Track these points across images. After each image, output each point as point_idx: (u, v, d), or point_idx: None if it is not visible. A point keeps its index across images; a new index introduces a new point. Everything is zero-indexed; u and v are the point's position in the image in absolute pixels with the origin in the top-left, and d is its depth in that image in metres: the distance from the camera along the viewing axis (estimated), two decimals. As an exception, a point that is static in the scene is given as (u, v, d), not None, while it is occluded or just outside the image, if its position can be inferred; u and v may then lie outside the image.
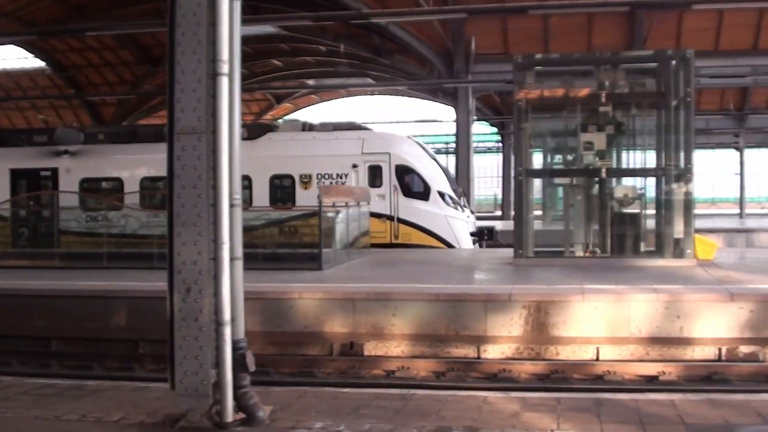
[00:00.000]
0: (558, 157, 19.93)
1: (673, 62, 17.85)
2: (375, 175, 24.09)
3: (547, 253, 18.81)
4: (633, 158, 18.92)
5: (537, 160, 19.02)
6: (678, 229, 17.32)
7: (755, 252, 20.57)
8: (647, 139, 18.71)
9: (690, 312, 12.58)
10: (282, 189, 24.39)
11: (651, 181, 18.47)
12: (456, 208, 24.74)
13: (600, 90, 18.02)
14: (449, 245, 24.25)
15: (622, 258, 17.62)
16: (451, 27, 30.88)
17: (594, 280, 14.36)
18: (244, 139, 21.48)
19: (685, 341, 12.51)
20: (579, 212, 18.57)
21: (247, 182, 23.23)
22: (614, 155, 19.00)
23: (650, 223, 18.53)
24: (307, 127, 25.69)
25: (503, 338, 12.90)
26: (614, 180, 18.64)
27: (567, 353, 12.66)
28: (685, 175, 17.38)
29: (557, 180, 19.85)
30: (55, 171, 25.16)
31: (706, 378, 11.60)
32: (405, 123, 60.13)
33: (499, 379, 11.81)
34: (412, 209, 24.12)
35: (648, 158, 18.54)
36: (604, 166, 18.03)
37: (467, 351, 12.84)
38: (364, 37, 36.58)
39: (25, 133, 31.59)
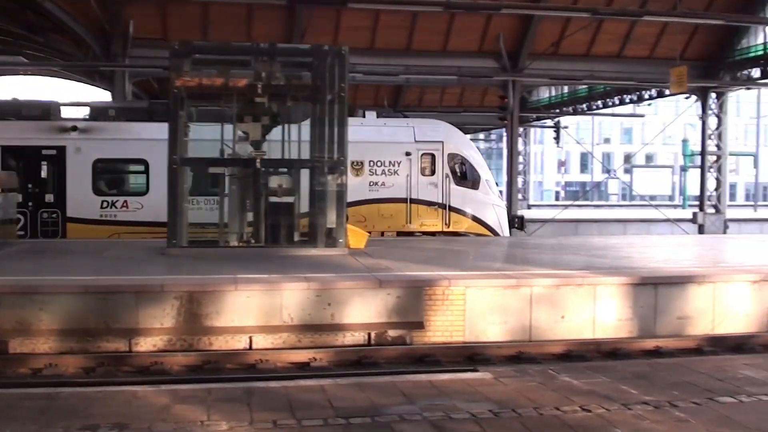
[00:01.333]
0: (214, 146, 19.67)
1: (329, 58, 18.25)
2: (428, 163, 24.18)
3: (202, 243, 18.61)
4: (288, 149, 19.09)
5: (193, 149, 18.66)
6: (330, 219, 17.77)
7: (413, 242, 21.56)
8: (303, 132, 18.98)
9: (341, 299, 12.91)
10: None
11: (307, 172, 18.76)
12: (499, 197, 25.47)
13: (257, 81, 18.03)
14: (495, 233, 24.75)
15: (276, 248, 17.78)
16: (110, 9, 29.70)
17: (247, 269, 14.35)
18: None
19: (336, 327, 12.83)
20: (234, 202, 18.51)
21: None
22: (270, 146, 19.05)
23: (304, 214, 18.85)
24: (355, 113, 24.53)
25: (156, 330, 12.53)
26: (270, 171, 18.71)
27: (220, 343, 12.56)
28: (338, 167, 17.85)
29: (212, 169, 19.62)
30: None
31: (356, 362, 11.96)
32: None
33: (151, 373, 11.46)
34: (463, 198, 24.37)
35: (303, 150, 18.81)
36: (258, 157, 18.10)
37: (119, 345, 12.34)
38: (18, 13, 34.27)
39: None
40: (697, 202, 38.96)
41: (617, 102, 43.72)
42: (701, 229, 35.83)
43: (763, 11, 32.01)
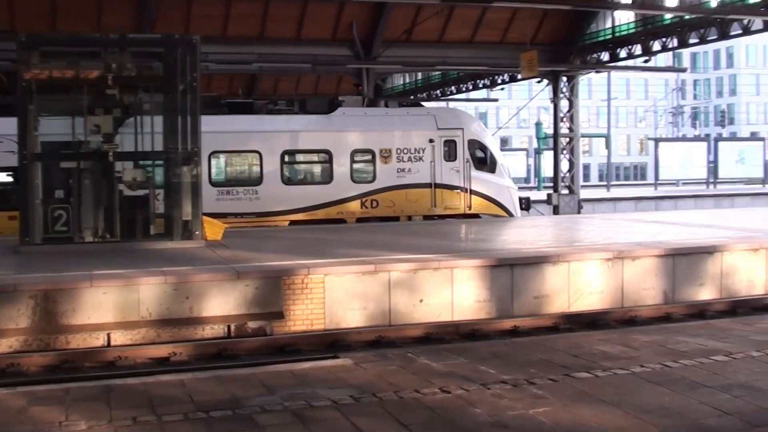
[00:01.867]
0: (65, 140, 19.09)
1: (180, 47, 17.93)
2: (450, 149, 25.38)
3: (56, 240, 18.06)
4: (142, 142, 18.71)
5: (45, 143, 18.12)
6: (186, 212, 17.50)
7: (272, 232, 21.45)
8: (156, 123, 18.61)
9: (199, 292, 12.77)
10: (364, 163, 24.80)
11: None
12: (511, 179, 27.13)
13: (107, 72, 17.60)
14: (510, 214, 26.18)
15: (132, 242, 17.44)
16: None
17: (103, 265, 14.02)
18: (321, 113, 21.07)
19: (195, 321, 12.70)
20: (87, 197, 18.01)
21: (327, 156, 24.48)
22: (123, 138, 18.65)
23: (160, 207, 18.53)
24: (378, 103, 27.21)
25: (11, 331, 12.13)
26: (123, 163, 18.31)
27: (77, 341, 12.26)
28: (192, 158, 17.58)
29: (65, 164, 19.07)
30: None
31: (217, 355, 11.85)
32: None
33: (7, 375, 11.07)
34: (482, 181, 25.68)
35: (157, 142, 18.46)
36: (111, 150, 17.67)
37: (-29, 348, 11.91)
38: None
39: None
40: (551, 184, 40.01)
41: (471, 87, 44.45)
42: (556, 210, 36.80)
43: (611, -4, 33.11)
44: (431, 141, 25.25)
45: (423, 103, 30.76)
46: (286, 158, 24.51)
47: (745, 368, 8.47)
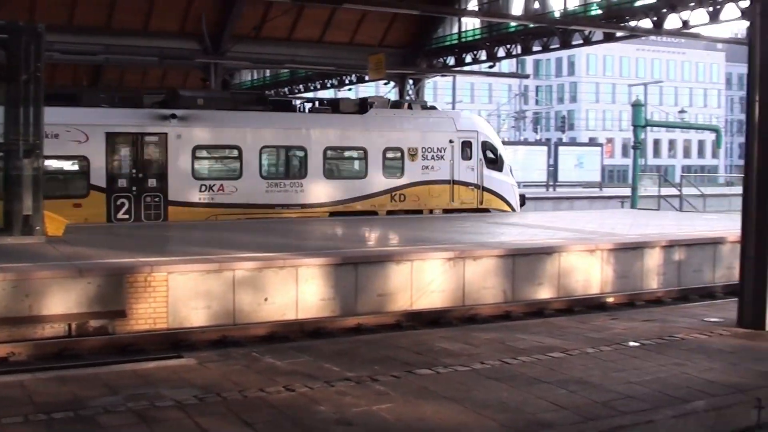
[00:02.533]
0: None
1: (24, 35, 17.29)
2: (466, 149, 27.69)
3: None
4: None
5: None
6: (27, 206, 16.90)
7: (114, 228, 20.95)
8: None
9: (39, 290, 12.37)
10: (393, 160, 26.61)
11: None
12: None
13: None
14: (513, 209, 28.65)
15: (-33, 237, 16.74)
16: None
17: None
18: (355, 113, 23.55)
19: (35, 319, 12.30)
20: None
21: (363, 153, 26.26)
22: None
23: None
24: (402, 105, 29.53)
25: None
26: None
27: None
28: (34, 150, 17.01)
29: None
30: None
31: (58, 355, 11.52)
32: None
33: None
34: (492, 179, 28.15)
35: None
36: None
37: None
38: None
39: None
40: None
41: (319, 86, 44.58)
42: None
43: (458, 3, 33.78)
44: (451, 141, 27.53)
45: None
46: (328, 154, 25.95)
47: (580, 364, 8.86)
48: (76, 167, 23.01)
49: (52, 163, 21.68)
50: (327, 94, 50.00)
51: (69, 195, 22.34)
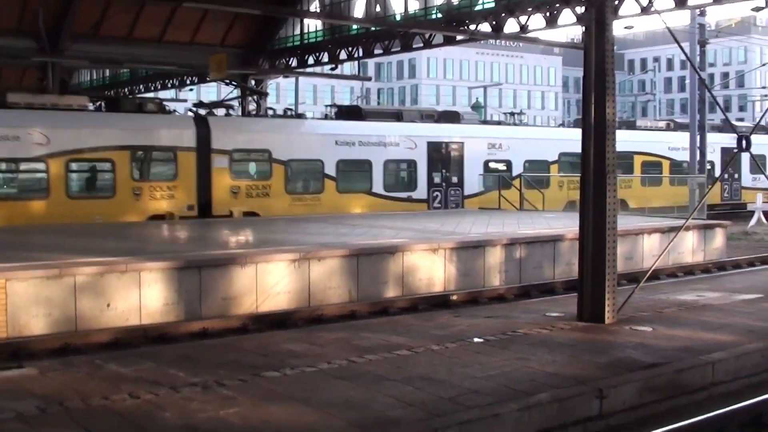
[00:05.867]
0: None
1: None
2: None
3: None
4: None
5: None
6: None
7: None
8: None
9: None
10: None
11: None
12: None
13: None
14: None
15: None
16: None
17: None
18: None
19: None
20: None
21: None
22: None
23: None
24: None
25: None
26: None
27: None
28: None
29: None
30: None
31: None
32: None
33: None
34: None
35: None
36: None
37: None
38: None
39: None
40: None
41: (159, 87, 43.84)
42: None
43: (300, 4, 33.76)
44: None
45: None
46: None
47: (426, 361, 9.02)
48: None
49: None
50: (168, 94, 49.20)
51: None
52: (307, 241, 17.72)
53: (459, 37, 30.21)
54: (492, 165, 32.72)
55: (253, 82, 38.11)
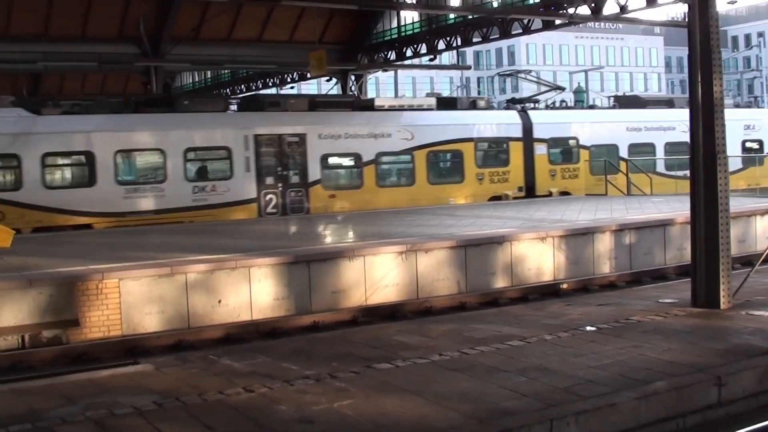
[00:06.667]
0: None
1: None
2: None
3: None
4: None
5: None
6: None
7: (66, 236, 20.61)
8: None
9: (-12, 301, 12.14)
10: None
11: None
12: None
13: None
14: None
15: None
16: None
17: None
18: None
19: (-13, 332, 12.06)
20: None
21: None
22: None
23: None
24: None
25: None
26: None
27: None
28: None
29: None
30: None
31: (11, 367, 11.27)
32: None
33: None
34: None
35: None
36: None
37: None
38: None
39: None
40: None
41: (260, 86, 44.35)
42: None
43: (396, -4, 33.78)
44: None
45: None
46: None
47: (539, 351, 8.90)
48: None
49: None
50: (268, 92, 49.76)
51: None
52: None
53: (557, 21, 29.77)
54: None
55: (353, 78, 38.28)
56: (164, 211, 24.16)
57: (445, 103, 31.00)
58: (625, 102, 35.54)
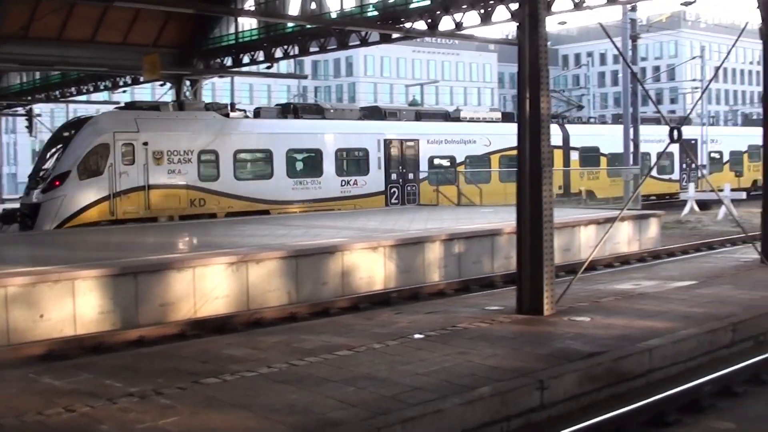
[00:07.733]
0: None
1: None
2: None
3: None
4: None
5: None
6: None
7: None
8: None
9: None
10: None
11: None
12: None
13: None
14: None
15: None
16: None
17: None
18: None
19: None
20: None
21: None
22: None
23: None
24: None
25: None
26: None
27: None
28: None
29: None
30: None
31: None
32: None
33: None
34: None
35: None
36: None
37: None
38: None
39: None
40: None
41: (92, 89, 43.06)
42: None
43: (234, 2, 33.39)
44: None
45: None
46: None
47: (367, 360, 8.96)
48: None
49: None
50: (100, 96, 48.45)
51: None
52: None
53: (395, 35, 30.08)
54: None
55: (188, 83, 37.65)
56: (320, 200, 30.28)
57: (507, 116, 38.25)
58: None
